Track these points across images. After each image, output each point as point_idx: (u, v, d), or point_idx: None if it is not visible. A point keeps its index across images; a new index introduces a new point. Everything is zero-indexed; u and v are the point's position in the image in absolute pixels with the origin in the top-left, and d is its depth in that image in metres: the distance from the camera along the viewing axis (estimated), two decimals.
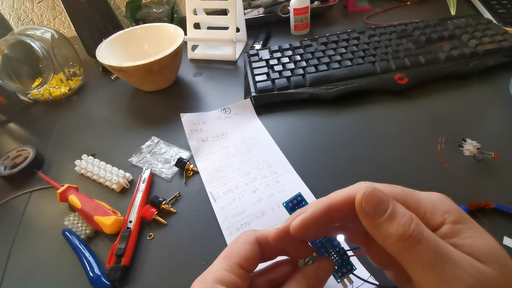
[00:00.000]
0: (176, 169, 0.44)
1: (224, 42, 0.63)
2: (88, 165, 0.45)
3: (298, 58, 0.55)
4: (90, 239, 0.38)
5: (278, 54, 0.57)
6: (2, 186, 0.47)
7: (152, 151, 0.47)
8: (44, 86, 0.59)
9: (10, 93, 0.61)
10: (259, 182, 0.40)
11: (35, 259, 0.37)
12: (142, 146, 0.48)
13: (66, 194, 0.41)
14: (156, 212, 0.38)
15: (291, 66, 0.54)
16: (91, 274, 0.33)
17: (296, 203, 0.24)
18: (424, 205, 0.19)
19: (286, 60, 0.55)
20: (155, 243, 0.36)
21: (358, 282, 0.24)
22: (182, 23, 0.75)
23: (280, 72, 0.53)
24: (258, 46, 0.65)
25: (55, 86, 0.63)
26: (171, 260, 0.34)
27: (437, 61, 0.50)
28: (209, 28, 0.72)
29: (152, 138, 0.49)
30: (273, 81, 0.52)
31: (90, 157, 0.47)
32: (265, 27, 0.72)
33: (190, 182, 0.42)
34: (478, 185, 0.35)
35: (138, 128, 0.53)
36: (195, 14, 0.65)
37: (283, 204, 0.24)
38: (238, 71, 0.62)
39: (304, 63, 0.54)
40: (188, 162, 0.43)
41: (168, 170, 0.44)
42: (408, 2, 0.75)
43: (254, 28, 0.72)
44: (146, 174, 0.43)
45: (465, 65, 0.49)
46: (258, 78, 0.52)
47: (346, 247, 0.24)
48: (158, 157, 0.46)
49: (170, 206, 0.39)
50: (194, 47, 0.70)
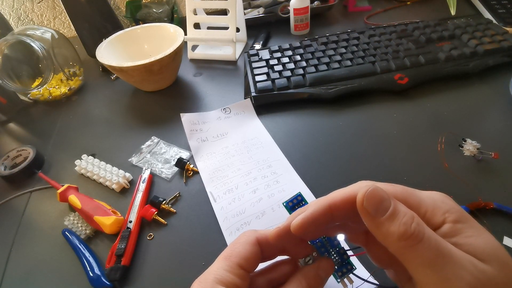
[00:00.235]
0: (176, 169, 0.44)
1: (224, 42, 0.63)
2: (88, 165, 0.45)
3: (298, 58, 0.55)
4: (90, 239, 0.38)
5: (278, 54, 0.57)
6: (2, 186, 0.47)
7: (152, 151, 0.47)
8: (44, 86, 0.59)
9: (10, 93, 0.61)
10: (259, 182, 0.40)
11: (35, 259, 0.37)
12: (142, 146, 0.48)
13: (66, 194, 0.41)
14: (156, 212, 0.38)
15: (291, 66, 0.54)
16: (91, 274, 0.33)
17: (296, 203, 0.24)
18: (425, 204, 0.19)
19: (286, 60, 0.55)
20: (155, 243, 0.36)
21: (358, 282, 0.24)
22: (182, 23, 0.75)
23: (280, 72, 0.53)
24: (258, 46, 0.65)
25: (55, 86, 0.63)
26: (171, 260, 0.34)
27: (437, 61, 0.50)
28: (209, 28, 0.72)
29: (152, 138, 0.49)
30: (273, 81, 0.52)
31: (90, 157, 0.47)
32: (265, 27, 0.72)
33: (190, 182, 0.42)
34: (478, 185, 0.35)
35: (138, 128, 0.53)
36: (195, 14, 0.65)
37: (283, 204, 0.24)
38: (238, 71, 0.62)
39: (304, 63, 0.54)
40: (188, 162, 0.43)
41: (168, 170, 0.44)
42: (408, 2, 0.75)
43: (254, 28, 0.72)
44: (146, 174, 0.43)
45: (465, 65, 0.49)
46: (258, 78, 0.52)
47: (346, 247, 0.24)
48: (158, 157, 0.46)
49: (170, 206, 0.39)
50: (194, 47, 0.70)
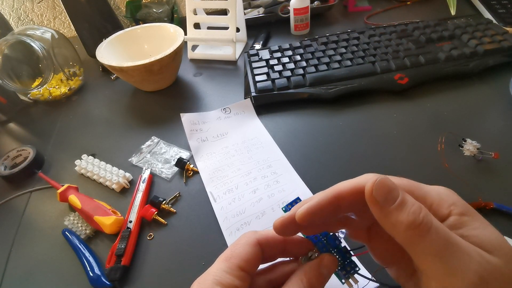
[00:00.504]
0: (176, 169, 0.44)
1: (224, 42, 0.63)
2: (88, 165, 0.45)
3: (298, 58, 0.55)
4: (90, 239, 0.38)
5: (278, 54, 0.57)
6: (2, 186, 0.47)
7: (152, 151, 0.47)
8: (44, 86, 0.59)
9: (10, 93, 0.61)
10: (259, 182, 0.40)
11: (35, 259, 0.37)
12: (142, 146, 0.48)
13: (66, 194, 0.41)
14: (156, 212, 0.38)
15: (291, 66, 0.54)
16: (91, 274, 0.33)
17: None
18: (430, 197, 0.19)
19: (286, 60, 0.55)
20: (155, 243, 0.36)
21: (361, 283, 0.24)
22: (182, 23, 0.75)
23: (280, 72, 0.53)
24: (258, 46, 0.65)
25: (55, 86, 0.63)
26: (171, 260, 0.34)
27: (437, 61, 0.50)
28: (209, 28, 0.72)
29: (152, 138, 0.49)
30: (273, 81, 0.52)
31: (90, 157, 0.47)
32: (265, 27, 0.72)
33: (190, 182, 0.42)
34: (478, 185, 0.35)
35: (138, 128, 0.53)
36: (195, 14, 0.65)
37: (282, 208, 0.24)
38: (238, 71, 0.62)
39: (304, 63, 0.54)
40: (188, 162, 0.43)
41: (168, 170, 0.44)
42: (408, 2, 0.75)
43: (254, 28, 0.71)
44: (146, 174, 0.43)
45: (465, 65, 0.49)
46: (258, 78, 0.52)
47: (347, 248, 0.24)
48: (158, 157, 0.46)
49: (170, 206, 0.39)
50: (194, 47, 0.70)
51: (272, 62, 0.55)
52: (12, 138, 0.57)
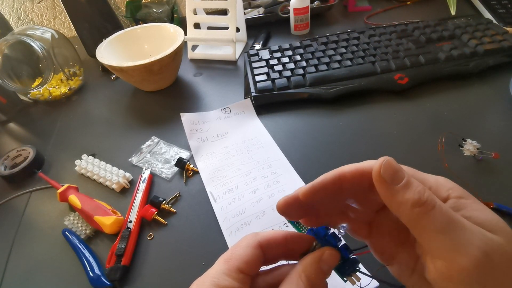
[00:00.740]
0: (176, 169, 0.44)
1: (224, 42, 0.63)
2: (88, 165, 0.45)
3: (298, 58, 0.55)
4: (90, 239, 0.38)
5: (278, 54, 0.57)
6: (2, 186, 0.47)
7: (152, 151, 0.47)
8: (44, 86, 0.59)
9: (10, 93, 0.61)
10: (259, 182, 0.40)
11: (35, 259, 0.37)
12: (142, 146, 0.48)
13: (66, 194, 0.41)
14: (156, 212, 0.38)
15: (291, 66, 0.54)
16: (91, 274, 0.33)
17: None
18: (429, 181, 0.20)
19: (286, 60, 0.55)
20: (155, 243, 0.36)
21: (363, 283, 0.24)
22: (182, 23, 0.75)
23: (280, 72, 0.53)
24: (258, 46, 0.65)
25: (55, 86, 0.63)
26: (171, 260, 0.34)
27: (437, 61, 0.50)
28: (209, 28, 0.72)
29: (152, 138, 0.49)
30: (273, 81, 0.52)
31: (90, 157, 0.47)
32: (265, 27, 0.72)
33: (190, 182, 0.42)
34: (478, 185, 0.35)
35: (138, 128, 0.53)
36: (195, 14, 0.65)
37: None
38: (238, 71, 0.62)
39: (304, 63, 0.54)
40: (188, 162, 0.43)
41: (168, 170, 0.44)
42: (408, 2, 0.75)
43: (254, 28, 0.71)
44: (146, 174, 0.43)
45: (465, 65, 0.49)
46: (258, 78, 0.52)
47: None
48: (158, 157, 0.46)
49: (170, 206, 0.39)
50: (194, 47, 0.70)
51: (272, 62, 0.55)
52: (12, 138, 0.57)
